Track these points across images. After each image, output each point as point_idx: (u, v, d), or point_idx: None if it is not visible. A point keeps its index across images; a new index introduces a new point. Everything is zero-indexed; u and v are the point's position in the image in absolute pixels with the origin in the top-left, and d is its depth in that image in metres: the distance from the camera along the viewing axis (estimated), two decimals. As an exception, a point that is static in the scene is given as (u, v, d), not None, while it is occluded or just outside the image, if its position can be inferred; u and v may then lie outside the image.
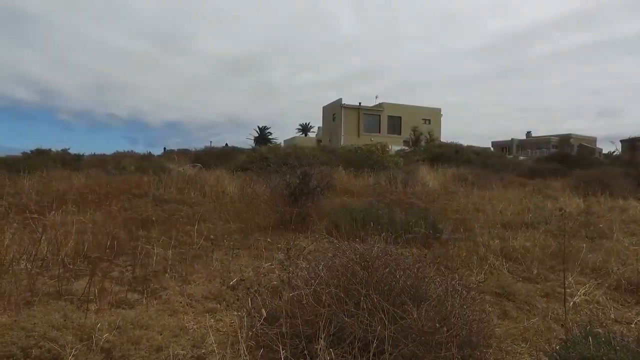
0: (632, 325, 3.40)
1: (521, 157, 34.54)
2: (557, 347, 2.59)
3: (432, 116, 44.88)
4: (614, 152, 33.50)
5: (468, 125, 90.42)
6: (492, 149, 48.57)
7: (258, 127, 56.04)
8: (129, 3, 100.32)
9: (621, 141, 34.38)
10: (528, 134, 59.54)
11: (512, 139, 56.78)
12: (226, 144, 34.39)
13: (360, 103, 42.35)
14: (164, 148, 34.49)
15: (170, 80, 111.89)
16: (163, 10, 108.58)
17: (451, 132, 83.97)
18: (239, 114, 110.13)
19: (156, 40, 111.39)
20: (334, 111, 43.05)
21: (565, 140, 49.89)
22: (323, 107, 46.33)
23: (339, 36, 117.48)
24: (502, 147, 54.78)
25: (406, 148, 30.84)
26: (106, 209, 7.22)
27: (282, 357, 2.41)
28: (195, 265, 4.64)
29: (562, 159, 22.60)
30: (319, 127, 52.68)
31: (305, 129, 62.50)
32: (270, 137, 54.60)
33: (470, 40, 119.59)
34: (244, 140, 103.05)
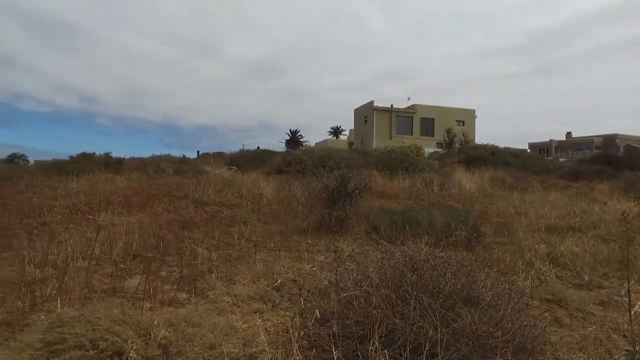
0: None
1: (561, 159, 33.22)
2: (622, 359, 2.47)
3: (465, 117, 43.91)
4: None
5: (502, 126, 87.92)
6: (528, 150, 46.96)
7: (290, 130, 56.55)
8: (161, 11, 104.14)
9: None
10: (568, 134, 57.23)
11: (551, 140, 54.73)
12: (258, 147, 34.90)
13: (392, 105, 42.01)
14: (198, 151, 35.38)
15: (201, 85, 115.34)
16: (193, 17, 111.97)
17: (485, 133, 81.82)
18: (269, 117, 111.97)
19: (187, 47, 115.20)
20: (365, 113, 42.87)
21: (610, 140, 47.56)
22: (354, 110, 46.23)
23: (367, 38, 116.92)
24: (540, 149, 52.87)
25: (440, 150, 30.31)
26: (151, 211, 7.48)
27: (335, 357, 2.43)
28: (239, 266, 4.73)
29: (608, 160, 21.56)
30: (350, 130, 52.60)
31: (336, 131, 62.56)
32: (301, 140, 54.93)
33: (504, 39, 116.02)
34: (276, 143, 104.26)
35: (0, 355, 2.23)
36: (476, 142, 35.78)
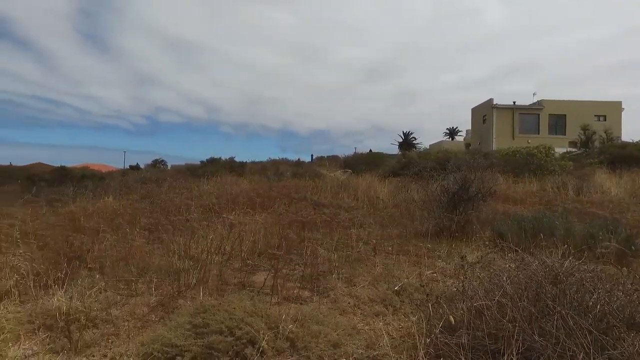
0: None
1: None
2: None
3: (608, 111, 38.08)
4: None
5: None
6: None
7: (403, 132, 55.22)
8: (272, 23, 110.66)
9: None
10: None
11: None
12: (370, 150, 34.93)
13: (514, 102, 38.58)
14: (311, 155, 36.67)
15: (313, 91, 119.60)
16: (303, 25, 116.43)
17: (637, 129, 69.18)
18: (380, 120, 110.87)
19: (298, 54, 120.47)
20: (484, 112, 40.09)
21: None
22: (472, 109, 43.59)
23: (482, 32, 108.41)
24: None
25: (574, 150, 26.85)
26: (273, 211, 7.99)
27: (465, 370, 2.26)
28: (358, 268, 4.76)
29: None
30: (467, 131, 49.67)
31: (452, 132, 59.65)
32: (414, 142, 53.41)
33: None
34: (387, 145, 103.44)
35: (160, 330, 2.57)
36: (623, 139, 30.78)
